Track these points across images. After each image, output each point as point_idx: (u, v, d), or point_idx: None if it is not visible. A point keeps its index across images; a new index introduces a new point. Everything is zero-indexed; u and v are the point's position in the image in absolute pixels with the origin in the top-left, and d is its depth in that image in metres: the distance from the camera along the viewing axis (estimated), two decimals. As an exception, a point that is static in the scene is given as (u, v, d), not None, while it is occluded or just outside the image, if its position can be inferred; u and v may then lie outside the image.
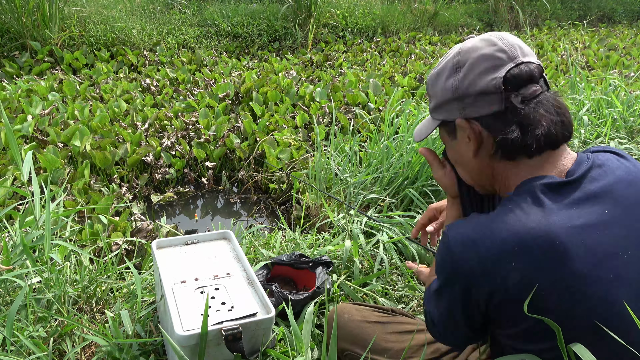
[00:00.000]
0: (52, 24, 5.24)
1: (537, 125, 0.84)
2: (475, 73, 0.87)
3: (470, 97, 0.88)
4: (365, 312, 1.30)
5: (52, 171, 2.68)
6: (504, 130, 0.86)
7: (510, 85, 0.84)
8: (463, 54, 0.89)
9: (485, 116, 0.87)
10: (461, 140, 0.94)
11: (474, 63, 0.87)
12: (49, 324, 1.50)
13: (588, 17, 8.76)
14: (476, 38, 0.90)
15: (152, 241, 1.51)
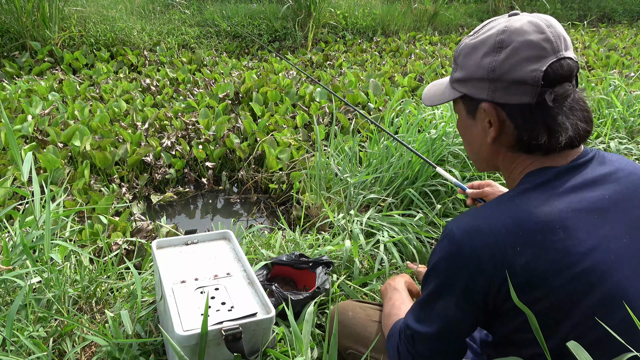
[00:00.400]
0: (52, 24, 5.25)
1: (564, 130, 0.83)
2: (517, 59, 0.83)
3: (504, 82, 0.84)
4: (369, 311, 1.29)
5: (52, 171, 2.68)
6: (532, 131, 0.85)
7: (548, 81, 0.82)
8: (509, 34, 0.84)
9: (513, 105, 0.85)
10: (480, 123, 0.91)
11: (519, 48, 0.83)
12: (49, 324, 1.50)
13: (588, 17, 8.76)
14: (524, 19, 0.85)
15: (152, 241, 1.51)
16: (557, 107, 0.83)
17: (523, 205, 0.82)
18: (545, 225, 0.79)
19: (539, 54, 0.82)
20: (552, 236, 0.79)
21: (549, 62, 0.81)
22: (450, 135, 2.55)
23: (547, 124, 0.84)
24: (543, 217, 0.80)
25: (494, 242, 0.80)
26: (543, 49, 0.82)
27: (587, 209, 0.81)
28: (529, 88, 0.82)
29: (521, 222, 0.80)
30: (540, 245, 0.79)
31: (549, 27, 0.83)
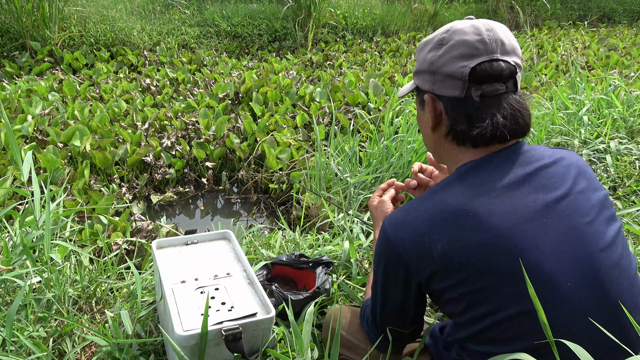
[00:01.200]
0: (52, 24, 5.25)
1: (479, 123, 0.90)
2: (452, 55, 0.91)
3: (440, 75, 0.93)
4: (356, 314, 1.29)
5: (52, 171, 2.68)
6: (455, 120, 0.94)
7: (475, 78, 0.89)
8: (450, 33, 0.93)
9: (447, 98, 0.94)
10: (426, 113, 1.00)
11: (454, 45, 0.91)
12: (48, 324, 1.50)
13: (588, 17, 8.76)
14: (469, 22, 0.94)
15: (152, 241, 1.51)
16: (482, 102, 0.90)
17: (443, 197, 0.90)
18: (458, 213, 0.86)
19: (470, 52, 0.90)
20: (465, 222, 0.85)
21: (479, 61, 0.89)
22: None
23: (469, 115, 0.92)
24: (457, 205, 0.87)
25: (415, 234, 0.89)
26: (476, 49, 0.90)
27: (504, 196, 0.86)
28: (459, 83, 0.91)
29: (438, 212, 0.88)
30: (454, 232, 0.86)
31: (487, 31, 0.91)
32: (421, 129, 1.06)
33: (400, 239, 0.91)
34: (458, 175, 0.93)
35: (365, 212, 2.32)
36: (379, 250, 0.97)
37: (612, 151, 2.76)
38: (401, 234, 0.91)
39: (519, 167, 0.90)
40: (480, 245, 0.84)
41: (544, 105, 3.36)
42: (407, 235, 0.91)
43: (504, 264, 0.83)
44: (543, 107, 3.34)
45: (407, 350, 1.17)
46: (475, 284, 0.85)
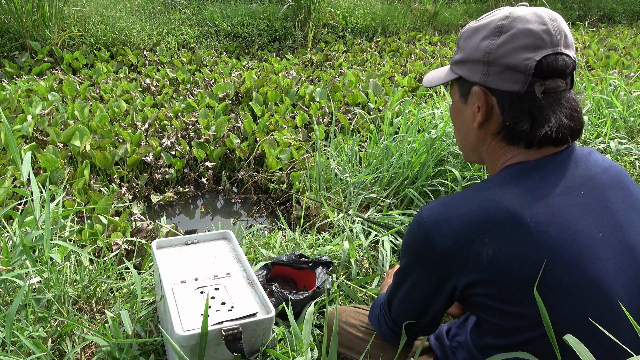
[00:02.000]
0: (52, 24, 5.25)
1: (547, 122, 0.83)
2: (514, 45, 0.83)
3: (498, 66, 0.85)
4: (362, 317, 1.29)
5: (52, 171, 2.68)
6: (516, 118, 0.85)
7: (540, 72, 0.82)
8: (510, 20, 0.85)
9: (504, 92, 0.85)
10: (470, 107, 0.92)
11: (517, 34, 0.83)
12: (48, 324, 1.50)
13: (588, 17, 8.77)
14: (529, 9, 0.86)
15: (152, 241, 1.51)
16: (545, 99, 0.83)
17: (495, 197, 0.82)
18: (514, 218, 0.79)
19: (536, 43, 0.82)
20: (521, 228, 0.79)
21: (545, 53, 0.82)
22: (450, 135, 2.55)
23: (532, 113, 0.84)
24: (513, 209, 0.80)
25: (461, 234, 0.82)
26: (541, 40, 0.82)
27: (562, 204, 0.81)
28: (521, 76, 0.83)
29: (491, 214, 0.81)
30: (509, 238, 0.79)
31: (551, 21, 0.83)
32: (457, 123, 0.98)
33: (441, 236, 0.83)
34: (509, 176, 0.86)
35: (365, 212, 2.32)
36: (411, 241, 0.90)
37: (612, 151, 2.76)
38: (443, 230, 0.84)
39: (574, 175, 0.85)
40: (537, 255, 0.78)
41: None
42: (450, 233, 0.83)
43: (561, 277, 0.78)
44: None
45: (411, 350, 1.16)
46: (524, 295, 0.80)
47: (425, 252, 0.86)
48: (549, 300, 0.78)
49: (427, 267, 0.88)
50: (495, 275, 0.80)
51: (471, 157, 1.00)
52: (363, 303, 1.67)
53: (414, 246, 0.89)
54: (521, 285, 0.79)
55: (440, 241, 0.83)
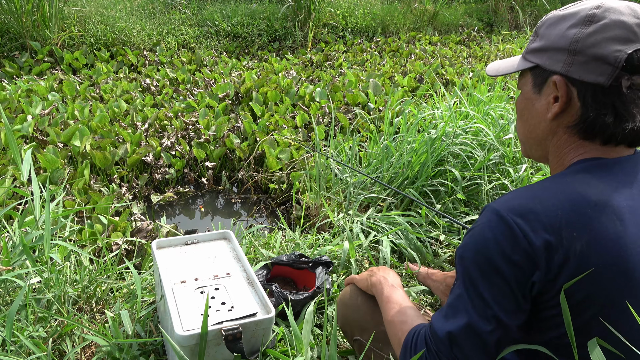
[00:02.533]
0: (52, 24, 5.25)
1: (631, 118, 0.80)
2: (605, 36, 0.80)
3: (584, 56, 0.81)
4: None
5: (52, 171, 2.68)
6: (599, 111, 0.81)
7: (629, 66, 0.79)
8: (603, 10, 0.82)
9: (586, 83, 0.82)
10: (545, 97, 0.87)
11: (609, 25, 0.80)
12: (48, 324, 1.50)
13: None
14: (622, 2, 0.83)
15: (152, 241, 1.51)
16: (630, 95, 0.80)
17: (579, 188, 0.78)
18: (602, 213, 0.76)
19: (627, 36, 0.79)
20: (609, 225, 0.75)
21: (636, 47, 0.79)
22: (450, 135, 2.55)
23: (615, 108, 0.80)
24: (601, 204, 0.76)
25: (549, 224, 0.76)
26: (634, 33, 0.80)
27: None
28: (608, 68, 0.80)
29: (579, 205, 0.76)
30: (596, 232, 0.75)
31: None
32: (525, 114, 0.93)
33: (533, 230, 0.76)
34: (587, 170, 0.82)
35: (364, 212, 2.32)
36: (487, 245, 0.79)
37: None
38: (533, 223, 0.76)
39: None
40: (618, 255, 0.75)
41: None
42: (541, 227, 0.76)
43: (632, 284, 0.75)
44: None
45: None
46: (590, 293, 0.76)
47: (508, 252, 0.77)
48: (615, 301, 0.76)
49: (502, 274, 0.78)
50: (581, 271, 0.75)
51: (533, 151, 0.95)
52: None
53: (492, 249, 0.78)
54: (608, 283, 0.76)
55: (532, 236, 0.76)
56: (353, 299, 1.23)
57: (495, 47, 6.49)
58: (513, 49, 6.19)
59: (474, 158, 2.50)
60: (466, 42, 7.06)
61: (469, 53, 6.24)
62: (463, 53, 6.10)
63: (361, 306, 1.20)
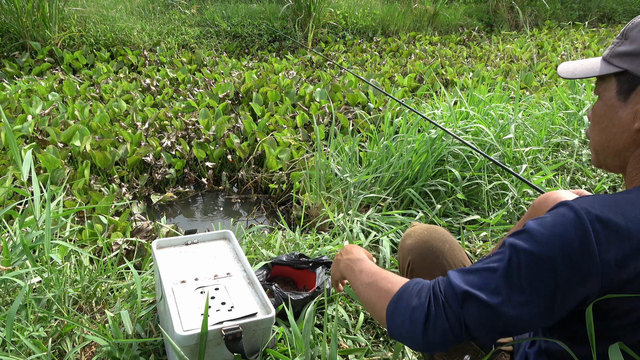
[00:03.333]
0: (52, 24, 5.25)
1: None
2: None
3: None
4: (466, 258, 1.13)
5: (52, 171, 2.68)
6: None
7: None
8: None
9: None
10: (631, 106, 0.80)
11: None
12: (48, 324, 1.50)
13: (588, 17, 8.77)
14: None
15: (152, 241, 1.51)
16: None
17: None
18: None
19: None
20: None
21: None
22: (450, 135, 2.55)
23: None
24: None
25: (628, 241, 0.69)
26: None
27: None
28: None
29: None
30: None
31: None
32: (604, 122, 0.86)
33: (608, 240, 0.69)
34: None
35: (364, 212, 2.32)
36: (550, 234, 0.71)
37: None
38: (611, 234, 0.69)
39: None
40: None
41: (544, 105, 3.36)
42: (618, 239, 0.69)
43: None
44: (543, 107, 3.34)
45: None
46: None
47: (575, 254, 0.69)
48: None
49: (567, 271, 0.70)
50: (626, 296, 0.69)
51: (609, 161, 0.87)
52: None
53: (557, 244, 0.70)
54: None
55: (605, 246, 0.69)
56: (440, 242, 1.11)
57: (495, 47, 6.49)
58: (513, 49, 6.19)
59: (473, 158, 2.50)
60: (466, 42, 7.06)
61: (469, 53, 6.24)
62: (463, 53, 6.10)
63: (448, 255, 1.10)
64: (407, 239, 1.18)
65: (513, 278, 0.72)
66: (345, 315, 1.61)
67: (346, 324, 1.59)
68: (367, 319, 1.65)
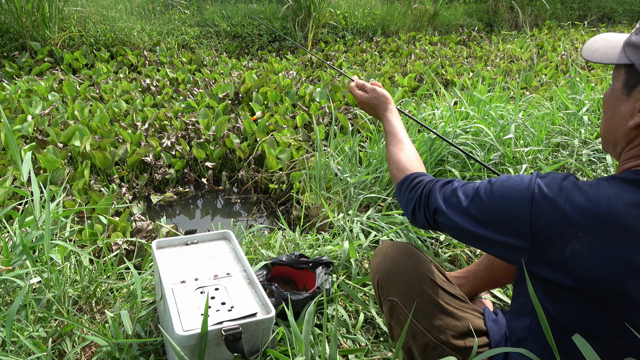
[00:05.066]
0: (52, 24, 5.24)
1: None
2: None
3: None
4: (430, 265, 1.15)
5: (52, 171, 2.68)
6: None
7: None
8: None
9: None
10: (632, 102, 0.81)
11: None
12: (48, 324, 1.50)
13: (588, 17, 8.76)
14: None
15: (152, 241, 1.51)
16: None
17: (611, 196, 0.76)
18: (621, 225, 0.74)
19: None
20: (622, 239, 0.73)
21: None
22: (450, 135, 2.55)
23: None
24: (624, 216, 0.74)
25: (560, 216, 0.78)
26: None
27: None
28: None
29: (598, 212, 0.75)
30: (604, 242, 0.74)
31: None
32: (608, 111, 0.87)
33: (542, 211, 0.80)
34: (633, 181, 0.79)
35: (364, 212, 2.32)
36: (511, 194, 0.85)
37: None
38: (547, 207, 0.79)
39: None
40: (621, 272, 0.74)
41: (544, 105, 3.36)
42: (552, 213, 0.79)
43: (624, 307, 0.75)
44: (543, 107, 3.34)
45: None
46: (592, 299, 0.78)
47: (516, 214, 0.82)
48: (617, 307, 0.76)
49: (506, 224, 0.84)
50: (568, 271, 0.77)
51: (610, 150, 0.91)
52: (363, 303, 1.67)
53: (510, 199, 0.85)
54: (592, 289, 0.76)
55: (538, 215, 0.80)
56: (404, 258, 1.16)
57: (495, 47, 6.48)
58: (513, 49, 6.19)
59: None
60: (466, 42, 7.06)
61: (469, 53, 6.24)
62: (463, 53, 6.10)
63: (412, 269, 1.13)
64: (374, 258, 1.26)
65: (475, 200, 0.91)
66: (345, 315, 1.61)
67: (346, 324, 1.59)
68: (367, 319, 1.65)
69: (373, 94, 1.38)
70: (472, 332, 1.05)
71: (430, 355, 1.06)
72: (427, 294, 1.09)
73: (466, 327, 1.06)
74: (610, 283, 0.74)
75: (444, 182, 1.04)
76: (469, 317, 1.08)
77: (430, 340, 1.05)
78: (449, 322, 1.06)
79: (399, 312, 1.11)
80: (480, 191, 0.91)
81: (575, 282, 0.78)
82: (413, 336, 1.08)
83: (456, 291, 1.14)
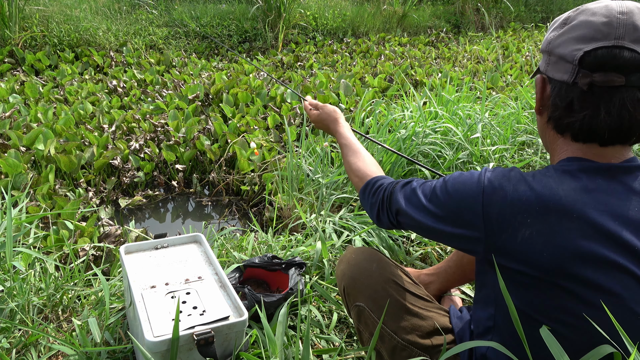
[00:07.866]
0: (12, 23, 5.06)
1: (579, 113, 0.85)
2: (570, 36, 0.86)
3: (554, 56, 0.89)
4: (394, 269, 1.19)
5: (14, 176, 2.59)
6: (556, 105, 0.89)
7: (588, 64, 0.82)
8: (578, 12, 0.88)
9: (557, 81, 0.88)
10: (536, 94, 0.96)
11: (576, 26, 0.85)
12: (12, 335, 1.45)
13: (550, 19, 9.05)
14: (605, 2, 0.85)
15: (120, 246, 1.48)
16: (589, 92, 0.83)
17: (552, 184, 0.84)
18: (563, 211, 0.81)
19: (591, 35, 0.82)
20: (565, 224, 0.80)
21: (597, 46, 0.81)
22: (420, 135, 2.59)
23: (571, 104, 0.86)
24: (565, 201, 0.81)
25: (509, 205, 0.84)
26: (598, 32, 0.82)
27: (611, 213, 0.80)
28: (569, 66, 0.85)
29: (542, 198, 0.82)
30: (550, 226, 0.81)
31: (620, 14, 0.81)
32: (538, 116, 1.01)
33: (491, 202, 0.86)
34: (572, 169, 0.86)
35: (337, 212, 2.33)
36: (462, 189, 0.92)
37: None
38: (496, 198, 0.86)
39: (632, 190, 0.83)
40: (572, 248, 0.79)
41: (510, 105, 3.45)
42: (500, 203, 0.86)
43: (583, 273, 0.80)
44: (509, 106, 3.43)
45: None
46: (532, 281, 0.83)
47: (469, 206, 0.89)
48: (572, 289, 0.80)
49: (461, 217, 0.90)
50: (522, 258, 0.83)
51: (545, 145, 1.01)
52: (336, 303, 1.68)
53: (463, 193, 0.91)
54: (545, 273, 0.81)
55: (489, 206, 0.86)
56: (368, 262, 1.20)
57: (462, 49, 6.62)
58: (480, 50, 6.33)
59: (443, 157, 2.55)
60: (434, 44, 7.18)
61: (437, 54, 6.35)
62: (432, 54, 6.20)
63: (376, 273, 1.17)
64: (339, 265, 1.29)
65: (433, 198, 0.97)
66: (319, 316, 1.61)
67: (320, 324, 1.59)
68: (341, 319, 1.66)
69: (324, 111, 1.48)
70: (438, 330, 1.09)
71: (399, 356, 1.09)
72: (392, 296, 1.12)
73: (432, 326, 1.09)
74: (561, 265, 0.80)
75: (404, 182, 1.08)
76: (434, 316, 1.12)
77: (397, 341, 1.09)
78: (415, 323, 1.10)
79: (367, 317, 1.15)
80: (436, 189, 0.97)
81: (529, 268, 0.83)
82: (381, 339, 1.11)
83: (421, 292, 1.17)
